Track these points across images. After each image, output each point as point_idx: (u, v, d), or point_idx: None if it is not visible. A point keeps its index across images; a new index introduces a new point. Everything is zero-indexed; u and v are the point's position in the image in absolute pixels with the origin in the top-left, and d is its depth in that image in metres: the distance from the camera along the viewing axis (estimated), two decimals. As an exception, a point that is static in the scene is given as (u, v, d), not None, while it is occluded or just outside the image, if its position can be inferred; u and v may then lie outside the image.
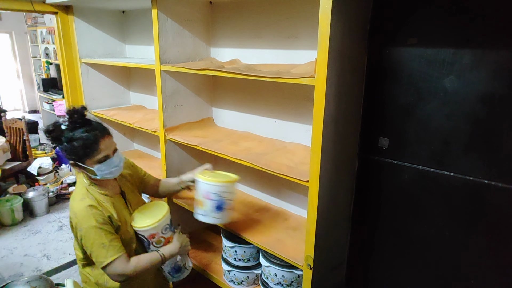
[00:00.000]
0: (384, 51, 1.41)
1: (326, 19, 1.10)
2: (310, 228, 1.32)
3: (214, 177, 1.55)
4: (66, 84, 2.61)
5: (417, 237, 1.47)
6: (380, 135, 1.49)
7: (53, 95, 6.39)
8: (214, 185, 1.51)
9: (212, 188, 1.51)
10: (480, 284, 1.36)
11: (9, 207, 3.50)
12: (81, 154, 1.37)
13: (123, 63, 2.21)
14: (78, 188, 1.47)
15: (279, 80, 1.31)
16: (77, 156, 1.38)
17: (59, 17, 2.45)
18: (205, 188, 1.53)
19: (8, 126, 4.27)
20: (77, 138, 1.36)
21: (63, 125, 1.38)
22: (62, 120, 1.40)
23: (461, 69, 1.25)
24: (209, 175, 1.56)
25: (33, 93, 8.17)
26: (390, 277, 1.61)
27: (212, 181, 1.51)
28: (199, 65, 1.70)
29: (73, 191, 1.47)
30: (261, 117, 1.91)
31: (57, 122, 1.41)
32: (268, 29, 1.75)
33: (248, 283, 1.81)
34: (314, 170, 1.25)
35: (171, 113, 1.95)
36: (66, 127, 1.38)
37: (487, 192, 1.27)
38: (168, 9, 1.80)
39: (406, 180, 1.46)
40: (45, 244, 3.24)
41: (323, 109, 1.18)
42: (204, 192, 1.53)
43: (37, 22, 6.81)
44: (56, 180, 4.41)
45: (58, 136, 1.38)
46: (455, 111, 1.29)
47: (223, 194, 1.52)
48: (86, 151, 1.37)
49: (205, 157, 2.12)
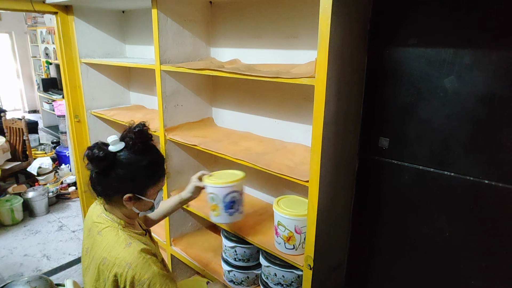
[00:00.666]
0: (384, 51, 1.41)
1: (326, 19, 1.10)
2: (310, 228, 1.32)
3: (221, 178, 1.56)
4: (66, 84, 2.61)
5: (417, 237, 1.47)
6: (380, 135, 1.49)
7: (53, 95, 6.39)
8: (222, 187, 1.53)
9: (221, 190, 1.53)
10: (480, 284, 1.36)
11: (9, 207, 3.50)
12: (148, 180, 1.17)
13: (123, 63, 2.21)
14: (111, 234, 1.16)
15: (279, 80, 1.31)
16: (141, 183, 1.16)
17: (59, 17, 2.45)
18: (215, 191, 1.55)
19: (8, 126, 4.27)
20: (146, 160, 1.14)
21: (113, 147, 1.14)
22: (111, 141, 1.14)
23: (461, 69, 1.25)
24: (216, 178, 1.57)
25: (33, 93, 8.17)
26: (390, 277, 1.61)
27: (220, 184, 1.53)
28: (199, 65, 1.70)
29: (103, 238, 1.16)
30: (261, 117, 1.90)
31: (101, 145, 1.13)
32: (268, 29, 1.75)
33: (248, 283, 1.81)
34: (314, 170, 1.25)
35: (171, 113, 1.95)
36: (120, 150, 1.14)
37: (487, 192, 1.27)
38: (168, 9, 1.80)
39: (406, 180, 1.46)
40: (45, 244, 3.24)
41: (323, 109, 1.18)
42: (215, 195, 1.55)
43: (37, 22, 6.81)
44: (56, 180, 4.41)
45: (111, 164, 1.12)
46: (455, 111, 1.29)
47: (233, 193, 1.55)
48: (156, 175, 1.18)
49: (205, 157, 2.13)
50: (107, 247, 1.13)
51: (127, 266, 1.08)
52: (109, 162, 1.12)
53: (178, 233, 2.18)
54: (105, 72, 2.66)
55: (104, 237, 1.16)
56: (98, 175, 1.16)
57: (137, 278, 1.09)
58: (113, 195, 1.18)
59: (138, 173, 1.15)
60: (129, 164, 1.14)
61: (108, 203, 1.22)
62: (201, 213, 1.88)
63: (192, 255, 2.03)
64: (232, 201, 1.55)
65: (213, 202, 1.57)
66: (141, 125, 1.18)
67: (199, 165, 2.14)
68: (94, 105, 2.66)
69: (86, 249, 1.25)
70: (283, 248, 1.50)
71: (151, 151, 1.20)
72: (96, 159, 1.11)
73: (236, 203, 1.57)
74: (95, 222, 1.22)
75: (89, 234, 1.24)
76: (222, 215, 1.58)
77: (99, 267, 1.14)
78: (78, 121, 2.67)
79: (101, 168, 1.13)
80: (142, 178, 1.17)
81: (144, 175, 1.17)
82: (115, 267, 1.09)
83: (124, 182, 1.15)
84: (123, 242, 1.13)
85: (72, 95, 2.62)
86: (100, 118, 2.66)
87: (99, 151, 1.11)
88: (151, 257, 1.13)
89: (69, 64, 2.57)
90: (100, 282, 1.15)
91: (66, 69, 2.56)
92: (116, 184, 1.15)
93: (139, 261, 1.10)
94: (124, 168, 1.14)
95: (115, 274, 1.09)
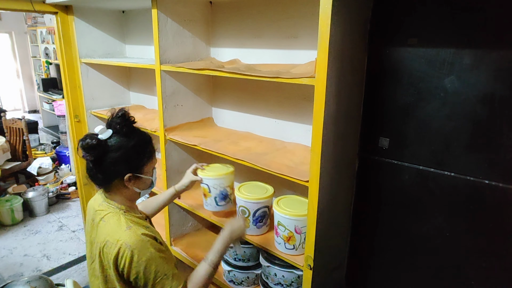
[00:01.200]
0: (384, 51, 1.41)
1: (326, 19, 1.10)
2: (310, 228, 1.32)
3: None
4: (66, 84, 2.61)
5: (417, 237, 1.47)
6: (380, 135, 1.49)
7: (53, 95, 6.39)
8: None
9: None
10: (480, 284, 1.36)
11: (9, 207, 3.50)
12: (141, 158, 1.24)
13: (123, 63, 2.21)
14: (113, 219, 1.22)
15: (279, 80, 1.31)
16: (136, 162, 1.23)
17: (59, 17, 2.45)
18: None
19: (8, 126, 4.27)
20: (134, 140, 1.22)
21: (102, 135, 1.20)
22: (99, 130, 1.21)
23: (461, 69, 1.25)
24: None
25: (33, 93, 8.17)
26: (390, 278, 1.61)
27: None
28: (199, 65, 1.70)
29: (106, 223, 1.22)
30: (261, 117, 1.90)
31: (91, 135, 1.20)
32: (268, 29, 1.75)
33: (248, 283, 1.81)
34: (314, 170, 1.25)
35: (171, 113, 1.95)
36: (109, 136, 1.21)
37: (487, 192, 1.27)
38: (168, 9, 1.80)
39: (406, 180, 1.46)
40: (45, 244, 3.24)
41: (323, 109, 1.18)
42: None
43: (37, 22, 6.82)
44: (56, 180, 4.41)
45: (104, 151, 1.19)
46: (456, 111, 1.29)
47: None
48: (147, 152, 1.25)
49: (205, 157, 2.12)
50: (110, 231, 1.19)
51: (128, 248, 1.14)
52: (102, 148, 1.19)
53: (178, 233, 2.18)
54: (105, 72, 2.66)
55: (107, 222, 1.22)
56: (95, 164, 1.22)
57: (136, 259, 1.14)
58: (114, 179, 1.25)
59: (131, 153, 1.22)
60: (121, 146, 1.21)
61: (108, 191, 1.28)
62: (201, 213, 1.88)
63: (192, 255, 2.03)
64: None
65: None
66: (123, 110, 1.26)
67: (199, 165, 2.14)
68: (94, 105, 2.66)
69: (92, 239, 1.28)
70: (283, 248, 1.50)
71: (137, 132, 1.27)
72: (90, 147, 1.18)
73: (264, 217, 1.65)
74: (97, 210, 1.27)
75: (93, 224, 1.28)
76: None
77: (103, 250, 1.19)
78: (78, 121, 2.67)
79: (97, 155, 1.19)
80: (136, 157, 1.24)
81: (137, 154, 1.24)
82: (115, 247, 1.15)
83: (121, 164, 1.22)
84: (124, 225, 1.20)
85: (72, 95, 2.62)
86: (100, 118, 2.66)
87: (91, 140, 1.18)
88: (150, 240, 1.19)
89: (69, 64, 2.57)
90: (106, 266, 1.20)
91: (66, 69, 2.56)
92: (114, 168, 1.22)
93: (139, 243, 1.15)
94: (118, 151, 1.21)
95: (116, 255, 1.15)
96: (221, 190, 1.73)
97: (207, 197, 1.77)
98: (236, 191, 1.67)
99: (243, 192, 1.64)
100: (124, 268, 1.15)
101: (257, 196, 1.61)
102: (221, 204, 1.76)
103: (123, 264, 1.15)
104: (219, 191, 1.73)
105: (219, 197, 1.75)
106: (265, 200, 1.61)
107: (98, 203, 1.29)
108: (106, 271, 1.21)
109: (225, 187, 1.73)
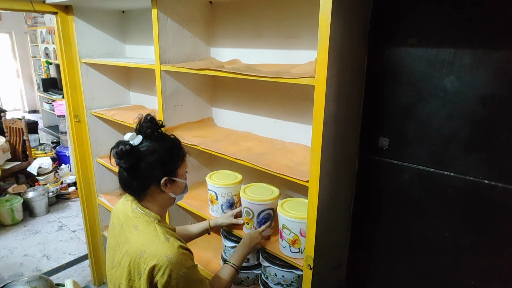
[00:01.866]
0: (384, 51, 1.41)
1: (326, 19, 1.10)
2: (310, 228, 1.32)
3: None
4: (66, 84, 2.61)
5: (417, 237, 1.47)
6: (380, 135, 1.49)
7: (53, 95, 6.40)
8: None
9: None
10: (480, 284, 1.36)
11: (9, 207, 3.50)
12: (175, 160, 1.23)
13: (123, 63, 2.21)
14: (148, 228, 1.21)
15: (279, 80, 1.31)
16: (171, 165, 1.23)
17: (59, 17, 2.45)
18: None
19: (8, 126, 4.28)
20: (167, 143, 1.22)
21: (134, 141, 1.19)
22: (129, 137, 1.20)
23: (461, 69, 1.25)
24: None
25: (33, 93, 8.17)
26: (390, 278, 1.61)
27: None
28: (199, 65, 1.70)
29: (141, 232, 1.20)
30: (261, 117, 1.91)
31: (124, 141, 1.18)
32: (268, 29, 1.75)
33: (248, 283, 1.81)
34: (314, 170, 1.25)
35: (171, 113, 1.95)
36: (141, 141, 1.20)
37: (487, 192, 1.27)
38: (168, 9, 1.80)
39: (406, 180, 1.46)
40: (45, 244, 3.24)
41: (323, 109, 1.18)
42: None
43: (37, 22, 6.82)
44: (56, 180, 4.41)
45: (138, 156, 1.18)
46: (455, 111, 1.29)
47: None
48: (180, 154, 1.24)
49: (205, 157, 2.13)
50: (146, 241, 1.18)
51: (167, 260, 1.13)
52: (136, 154, 1.18)
53: (178, 233, 2.18)
54: (105, 72, 2.66)
55: (141, 231, 1.20)
56: (130, 171, 1.21)
57: (175, 271, 1.14)
58: (150, 186, 1.24)
59: (166, 156, 1.22)
60: (154, 150, 1.20)
61: (142, 199, 1.27)
62: (201, 213, 1.88)
63: (192, 255, 2.03)
64: (265, 218, 1.63)
65: (248, 216, 1.65)
66: (149, 115, 1.27)
67: (199, 165, 2.14)
68: (94, 105, 2.65)
69: (118, 243, 1.27)
70: (288, 252, 1.49)
71: (167, 136, 1.27)
72: (125, 154, 1.16)
73: (269, 220, 1.64)
74: (130, 217, 1.25)
75: (122, 229, 1.27)
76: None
77: (135, 261, 1.17)
78: (78, 121, 2.67)
79: (131, 161, 1.18)
80: (171, 159, 1.24)
81: (171, 157, 1.24)
82: (154, 259, 1.14)
83: (157, 167, 1.21)
84: (161, 236, 1.18)
85: (72, 95, 2.62)
86: (100, 118, 2.66)
87: (125, 146, 1.17)
88: (186, 252, 1.20)
89: (69, 64, 2.57)
90: (135, 275, 1.18)
91: (66, 69, 2.56)
92: (150, 173, 1.21)
93: (178, 256, 1.15)
94: (152, 155, 1.20)
95: (153, 266, 1.14)
96: (228, 198, 1.75)
97: (213, 203, 1.80)
98: (241, 192, 1.66)
99: (248, 193, 1.63)
100: (160, 280, 1.14)
101: (262, 197, 1.60)
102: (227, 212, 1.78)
103: (160, 275, 1.13)
104: (226, 199, 1.75)
105: (226, 205, 1.77)
106: (270, 202, 1.59)
107: (130, 208, 1.27)
108: (133, 281, 1.19)
109: (232, 196, 1.75)
